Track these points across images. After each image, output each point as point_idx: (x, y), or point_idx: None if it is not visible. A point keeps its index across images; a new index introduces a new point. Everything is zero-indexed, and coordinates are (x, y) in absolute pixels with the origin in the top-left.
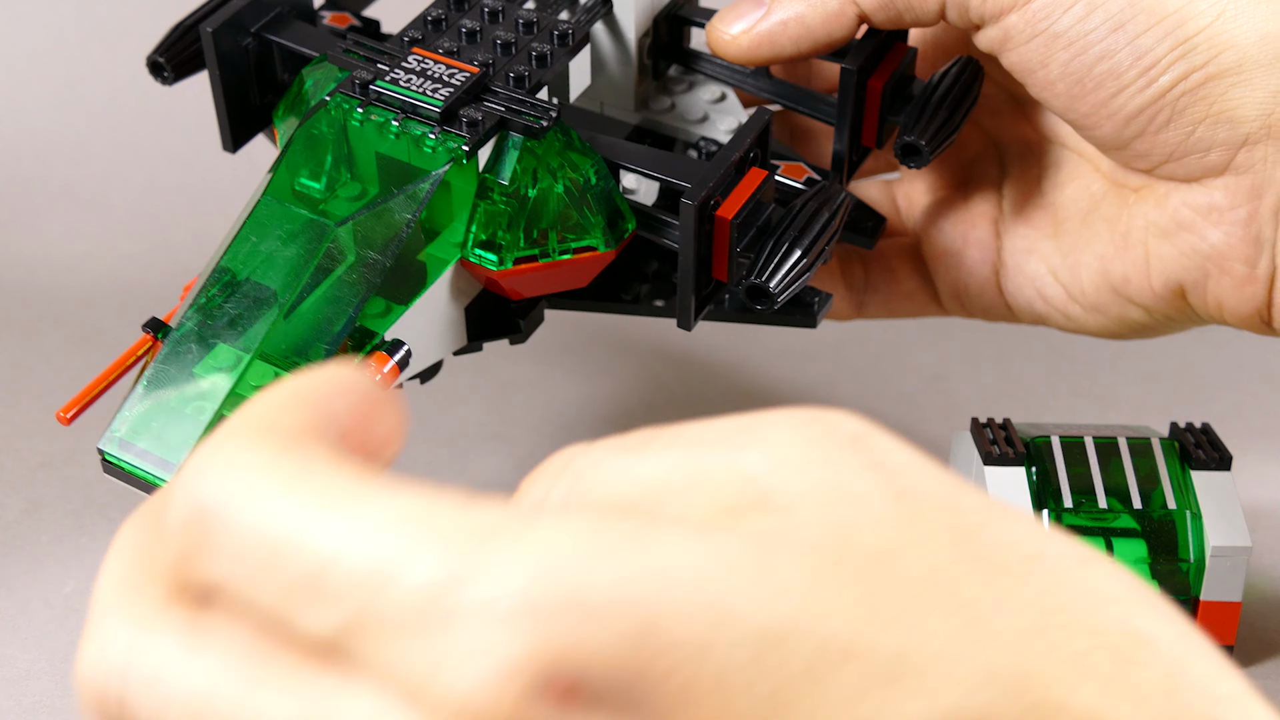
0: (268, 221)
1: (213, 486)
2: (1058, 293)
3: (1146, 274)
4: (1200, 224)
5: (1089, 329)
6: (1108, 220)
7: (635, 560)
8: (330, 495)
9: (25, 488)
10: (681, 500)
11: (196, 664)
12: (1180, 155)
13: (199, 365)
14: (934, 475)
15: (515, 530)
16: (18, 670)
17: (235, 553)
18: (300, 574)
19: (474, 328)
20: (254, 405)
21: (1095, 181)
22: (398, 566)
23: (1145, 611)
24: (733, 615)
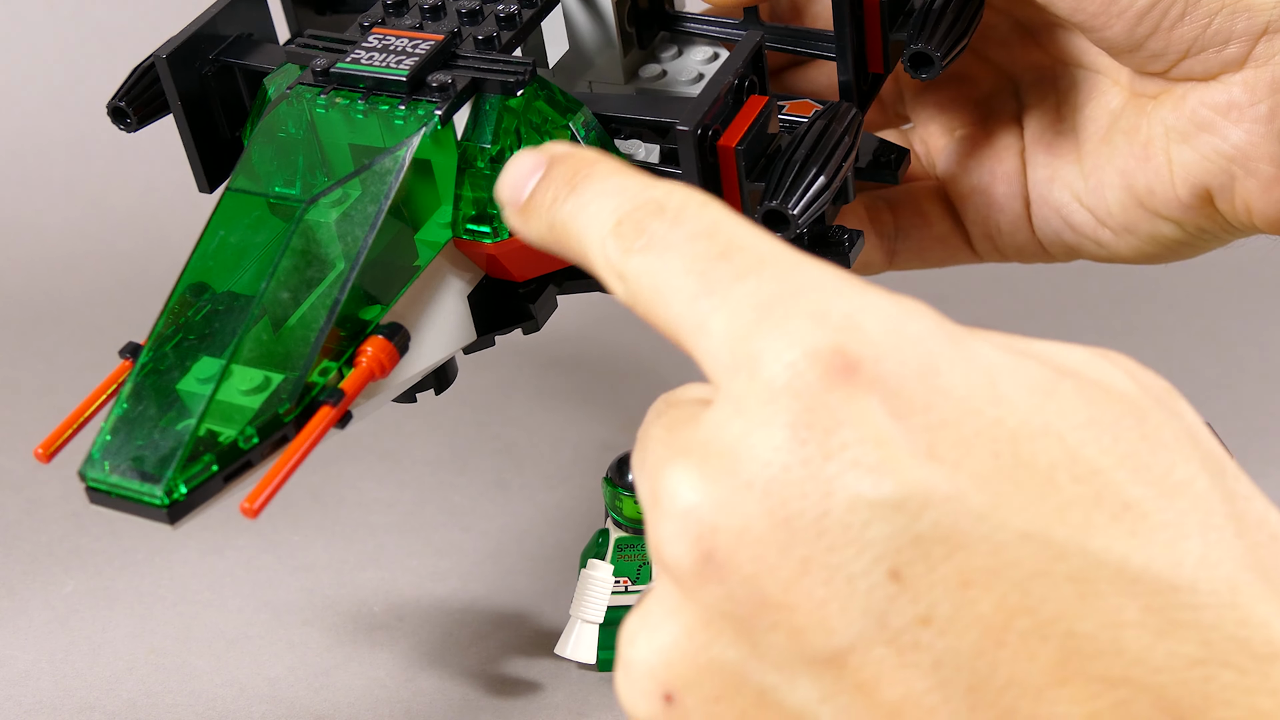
0: (233, 216)
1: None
2: (1085, 219)
3: (1170, 183)
4: (1220, 123)
5: (1123, 254)
6: (1127, 133)
7: (940, 329)
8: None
9: (25, 488)
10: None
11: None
12: (1197, 51)
13: (179, 381)
14: (1214, 441)
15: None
16: (18, 670)
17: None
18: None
19: (482, 320)
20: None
21: (1114, 96)
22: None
23: None
24: (1005, 401)
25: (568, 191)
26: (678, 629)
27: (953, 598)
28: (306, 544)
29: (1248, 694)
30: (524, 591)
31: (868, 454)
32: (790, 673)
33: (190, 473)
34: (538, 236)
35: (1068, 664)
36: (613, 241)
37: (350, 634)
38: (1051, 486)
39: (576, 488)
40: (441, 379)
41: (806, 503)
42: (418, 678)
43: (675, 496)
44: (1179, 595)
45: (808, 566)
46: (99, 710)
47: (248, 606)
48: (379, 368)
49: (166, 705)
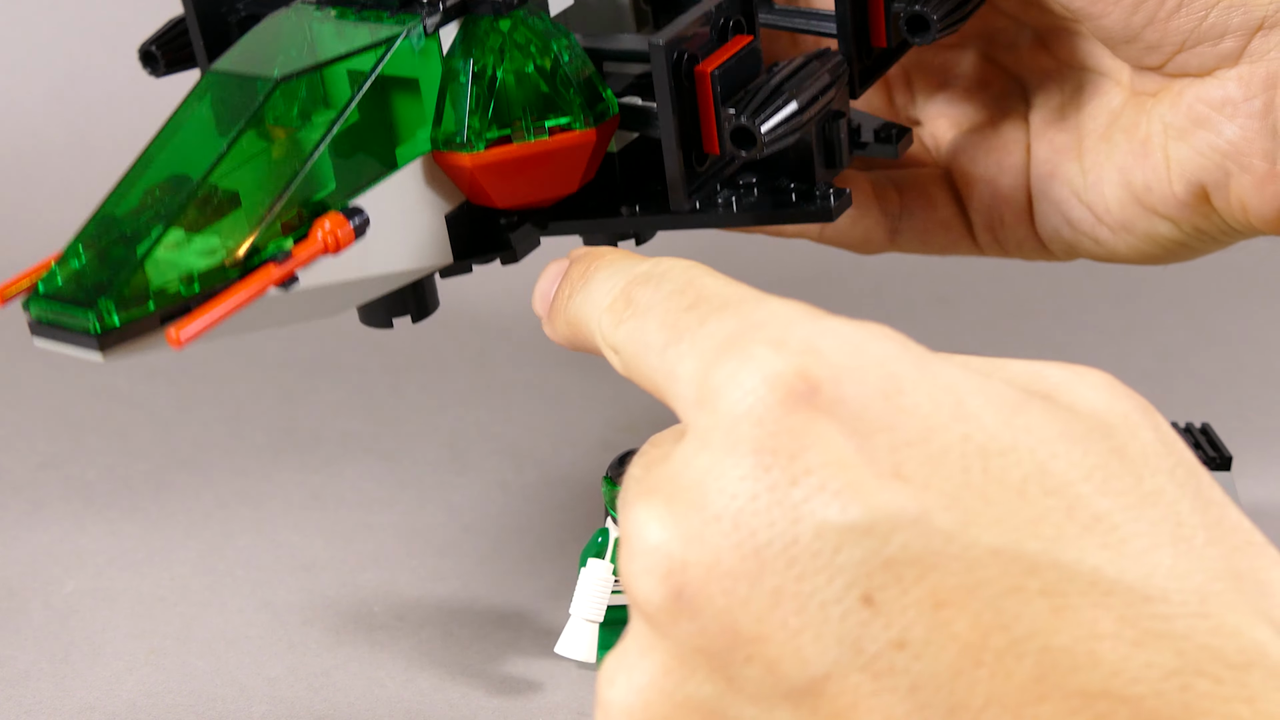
0: (206, 94)
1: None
2: (1083, 215)
3: (1167, 179)
4: (1215, 119)
5: (1121, 253)
6: (1126, 130)
7: (904, 351)
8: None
9: (25, 488)
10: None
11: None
12: (1193, 44)
13: (134, 239)
14: (1189, 454)
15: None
16: (18, 670)
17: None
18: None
19: (460, 244)
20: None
21: (1115, 96)
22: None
23: None
24: (972, 418)
25: (580, 285)
26: (653, 668)
27: (926, 619)
28: (306, 544)
29: (1225, 702)
30: (524, 591)
31: (833, 478)
32: (768, 705)
33: (127, 305)
34: (562, 337)
35: (1045, 680)
36: (606, 318)
37: (350, 634)
38: (1023, 500)
39: (576, 488)
40: (420, 305)
41: (774, 531)
42: (418, 678)
43: (643, 534)
44: (1151, 605)
45: (779, 597)
46: (99, 710)
47: (248, 606)
48: (332, 241)
49: (166, 705)
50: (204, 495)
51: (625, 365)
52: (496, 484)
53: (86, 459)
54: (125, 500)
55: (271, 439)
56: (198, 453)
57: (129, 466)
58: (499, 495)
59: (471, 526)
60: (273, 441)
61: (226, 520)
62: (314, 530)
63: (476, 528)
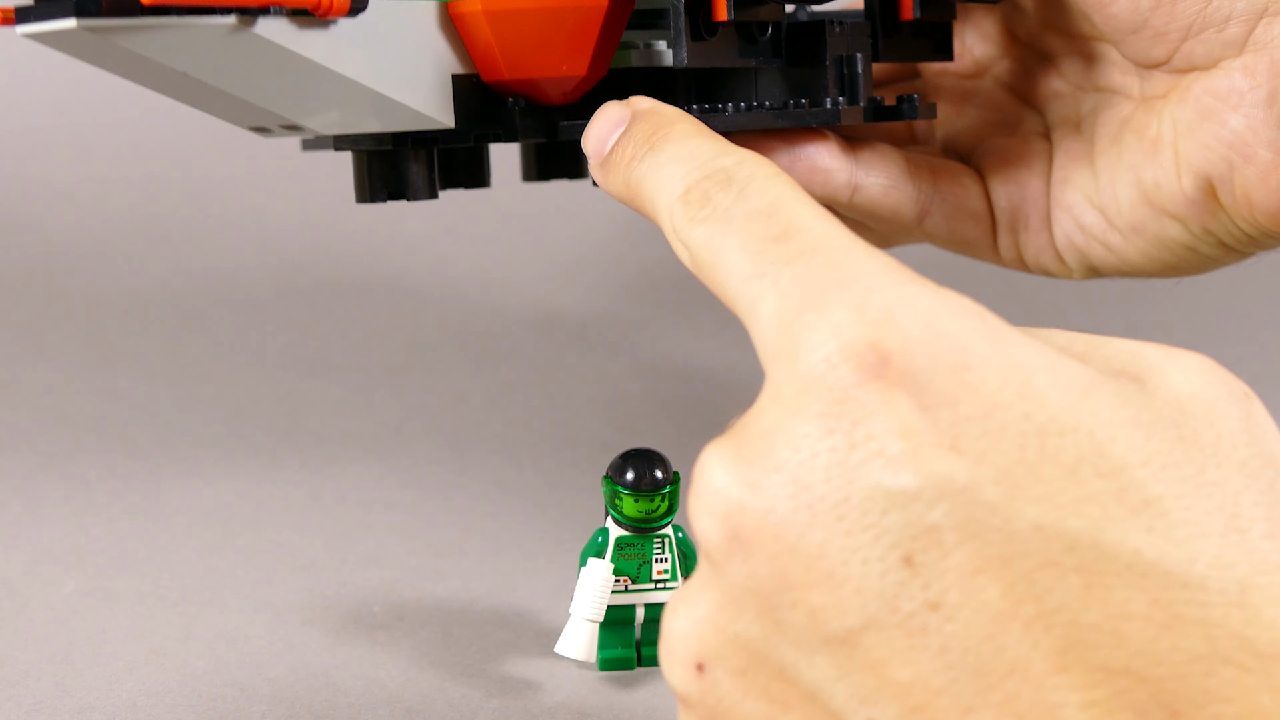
0: None
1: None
2: (1095, 219)
3: (1176, 176)
4: (1221, 110)
5: (1133, 260)
6: (1137, 131)
7: (981, 325)
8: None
9: (25, 488)
10: (1077, 357)
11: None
12: (1198, 30)
13: None
14: (1274, 448)
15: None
16: (18, 670)
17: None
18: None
19: (463, 112)
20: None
21: (1126, 106)
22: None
23: None
24: (1037, 397)
25: (645, 150)
26: (709, 603)
27: (962, 585)
28: (306, 544)
29: (1248, 692)
30: (524, 591)
31: (891, 445)
32: (808, 650)
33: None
34: (616, 192)
35: (1069, 653)
36: (680, 209)
37: (350, 634)
38: (1073, 480)
39: (576, 488)
40: (430, 182)
41: (829, 488)
42: (418, 678)
43: (709, 476)
44: (1188, 591)
45: (826, 549)
46: (99, 710)
47: (248, 606)
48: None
49: (166, 705)
50: (204, 495)
51: (697, 268)
52: (496, 484)
53: (86, 459)
54: (125, 500)
55: (271, 439)
56: (198, 453)
57: (129, 466)
58: (499, 495)
59: (471, 526)
60: (273, 441)
61: (226, 520)
62: (314, 530)
63: (476, 528)
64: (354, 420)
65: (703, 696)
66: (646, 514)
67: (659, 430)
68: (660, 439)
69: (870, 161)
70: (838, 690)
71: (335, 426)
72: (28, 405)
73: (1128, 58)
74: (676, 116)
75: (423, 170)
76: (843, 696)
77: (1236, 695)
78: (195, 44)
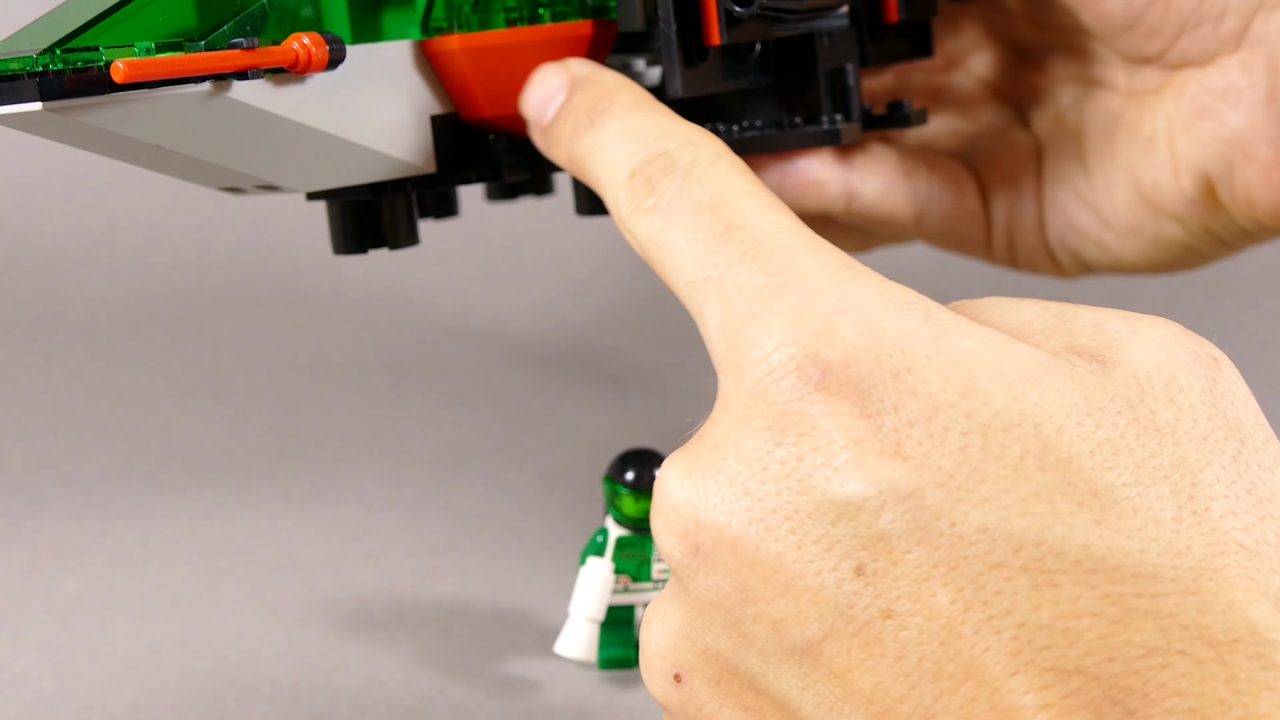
0: None
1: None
2: (1088, 219)
3: (1174, 175)
4: (1219, 107)
5: (1128, 260)
6: (1129, 129)
7: (923, 323)
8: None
9: (25, 488)
10: (1039, 336)
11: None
12: (1193, 25)
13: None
14: (1251, 411)
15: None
16: (18, 670)
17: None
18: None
19: (444, 156)
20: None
21: (1112, 100)
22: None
23: None
24: (979, 394)
25: (587, 124)
26: (680, 615)
27: (913, 592)
28: (306, 544)
29: (1203, 682)
30: (524, 591)
31: (837, 455)
32: (774, 661)
33: (74, 54)
34: (560, 163)
35: (1021, 654)
36: (624, 195)
37: (350, 634)
38: (1018, 477)
39: (576, 488)
40: (395, 231)
41: (780, 500)
42: (418, 678)
43: (667, 491)
44: (1139, 583)
45: (782, 561)
46: (99, 710)
47: (248, 606)
48: (304, 54)
49: (166, 705)
50: (204, 495)
51: (644, 255)
52: (496, 484)
53: (86, 459)
54: (125, 500)
55: (271, 439)
56: (198, 453)
57: (129, 466)
58: (499, 495)
59: (471, 526)
60: (273, 441)
61: (226, 520)
62: (314, 530)
63: (476, 528)
64: (354, 420)
65: (683, 706)
66: (646, 513)
67: (659, 430)
68: (660, 439)
69: (864, 166)
70: (805, 699)
71: (335, 426)
72: (28, 405)
73: (1118, 54)
74: (616, 85)
75: (403, 217)
76: (810, 705)
77: (1191, 687)
78: (167, 114)
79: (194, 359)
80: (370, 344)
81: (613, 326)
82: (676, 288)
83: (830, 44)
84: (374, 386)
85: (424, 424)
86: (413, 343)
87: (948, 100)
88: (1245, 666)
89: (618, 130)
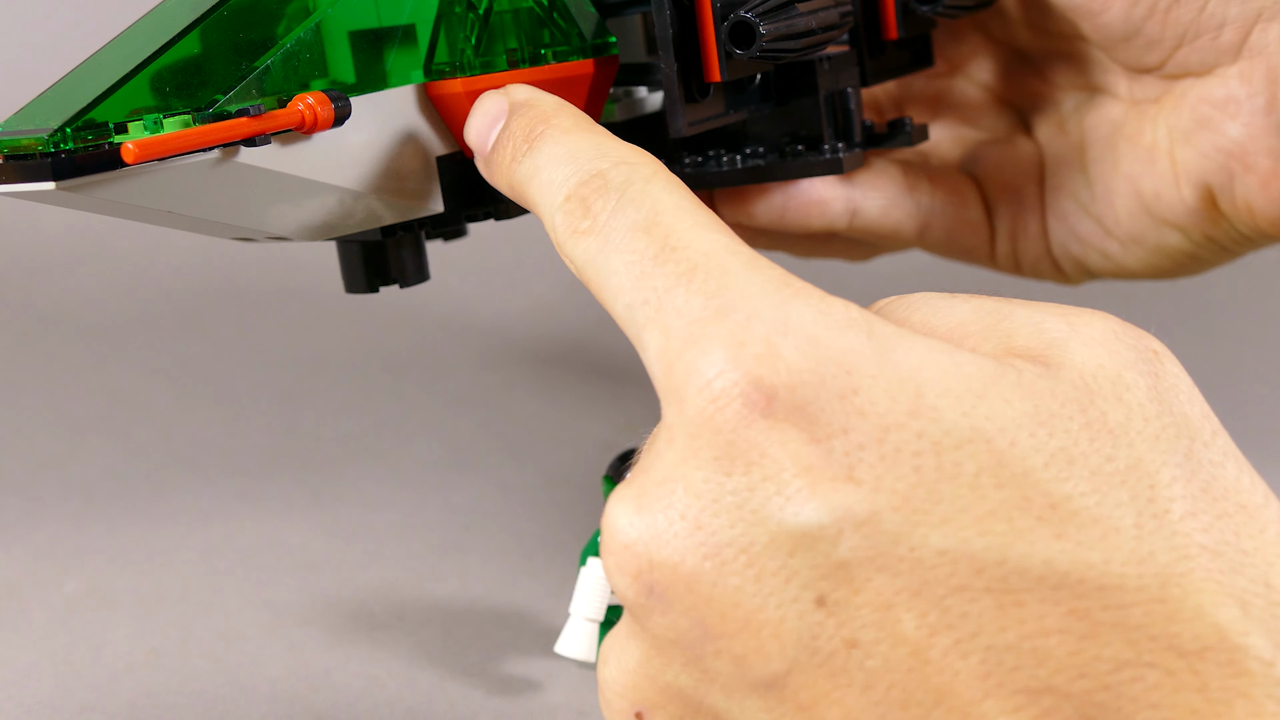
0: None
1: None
2: (1091, 228)
3: (1175, 184)
4: (1218, 118)
5: (1131, 267)
6: (1130, 138)
7: (867, 340)
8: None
9: (25, 488)
10: (976, 338)
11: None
12: (1192, 37)
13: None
14: (1197, 404)
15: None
16: (18, 670)
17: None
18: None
19: (451, 194)
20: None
21: (1114, 107)
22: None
23: None
24: (928, 412)
25: (525, 149)
26: (638, 653)
27: (876, 620)
28: (306, 544)
29: (1176, 693)
30: (524, 591)
31: (789, 483)
32: (739, 696)
33: (84, 133)
34: (503, 190)
35: (990, 677)
36: (560, 219)
37: (350, 634)
38: (974, 495)
39: (576, 488)
40: (403, 269)
41: (734, 533)
42: (418, 678)
43: (616, 530)
44: (1105, 595)
45: (740, 596)
46: (99, 710)
47: (248, 606)
48: (310, 115)
49: (166, 705)
50: (204, 495)
51: (584, 282)
52: (496, 484)
53: (86, 459)
54: (125, 500)
55: (271, 439)
56: (198, 453)
57: (129, 466)
58: (499, 495)
59: (471, 526)
60: (273, 441)
61: (226, 520)
62: (314, 530)
63: (476, 528)
64: (354, 420)
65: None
66: None
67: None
68: None
69: (867, 183)
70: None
71: (335, 426)
72: (28, 405)
73: (1119, 64)
74: (553, 109)
75: (412, 256)
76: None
77: (1164, 699)
78: (177, 182)
79: (194, 359)
80: (370, 344)
81: (613, 326)
82: (615, 312)
83: (830, 68)
84: (374, 386)
85: (424, 424)
86: (413, 343)
87: (950, 106)
88: (1216, 675)
89: (554, 154)
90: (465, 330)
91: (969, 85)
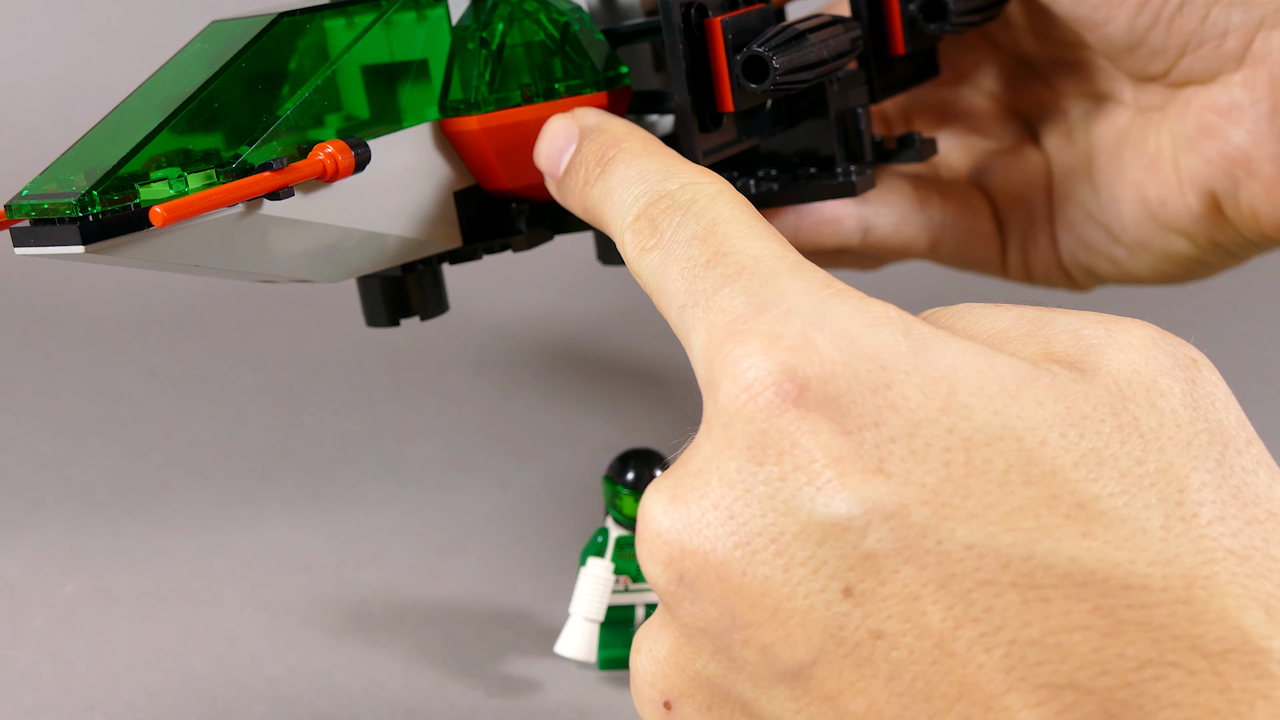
0: (214, 36)
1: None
2: (1098, 236)
3: (1180, 191)
4: (1222, 125)
5: (1139, 274)
6: (1135, 146)
7: (902, 337)
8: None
9: (25, 488)
10: (1016, 343)
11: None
12: (1195, 45)
13: (134, 144)
14: (1233, 412)
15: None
16: (18, 670)
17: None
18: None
19: (469, 226)
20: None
21: (1120, 115)
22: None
23: None
24: (960, 409)
25: (597, 173)
26: (669, 642)
27: (902, 611)
28: (306, 544)
29: (1197, 693)
30: (524, 591)
31: (820, 474)
32: (766, 685)
33: (110, 194)
34: (576, 213)
35: (1014, 671)
36: (630, 237)
37: (350, 634)
38: (1003, 491)
39: (576, 488)
40: (425, 302)
41: (765, 523)
42: (418, 678)
43: (650, 519)
44: (1130, 594)
45: (769, 585)
46: (99, 710)
47: (248, 606)
48: (331, 164)
49: (166, 705)
50: (204, 495)
51: (651, 296)
52: (496, 484)
53: (86, 459)
54: (125, 500)
55: (271, 439)
56: (198, 453)
57: (129, 466)
58: (499, 495)
59: (471, 526)
60: (273, 441)
61: (226, 520)
62: (314, 530)
63: (476, 528)
64: (354, 420)
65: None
66: None
67: (659, 430)
68: (660, 439)
69: (878, 200)
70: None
71: (335, 426)
72: (28, 405)
73: (1124, 72)
74: (624, 133)
75: (432, 288)
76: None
77: (1185, 699)
78: (204, 238)
79: (194, 359)
80: (370, 344)
81: (613, 326)
82: (670, 318)
83: (840, 88)
84: (374, 386)
85: (424, 424)
86: (413, 343)
87: (958, 115)
88: (1239, 676)
89: (625, 175)
90: (465, 331)
91: (976, 94)
